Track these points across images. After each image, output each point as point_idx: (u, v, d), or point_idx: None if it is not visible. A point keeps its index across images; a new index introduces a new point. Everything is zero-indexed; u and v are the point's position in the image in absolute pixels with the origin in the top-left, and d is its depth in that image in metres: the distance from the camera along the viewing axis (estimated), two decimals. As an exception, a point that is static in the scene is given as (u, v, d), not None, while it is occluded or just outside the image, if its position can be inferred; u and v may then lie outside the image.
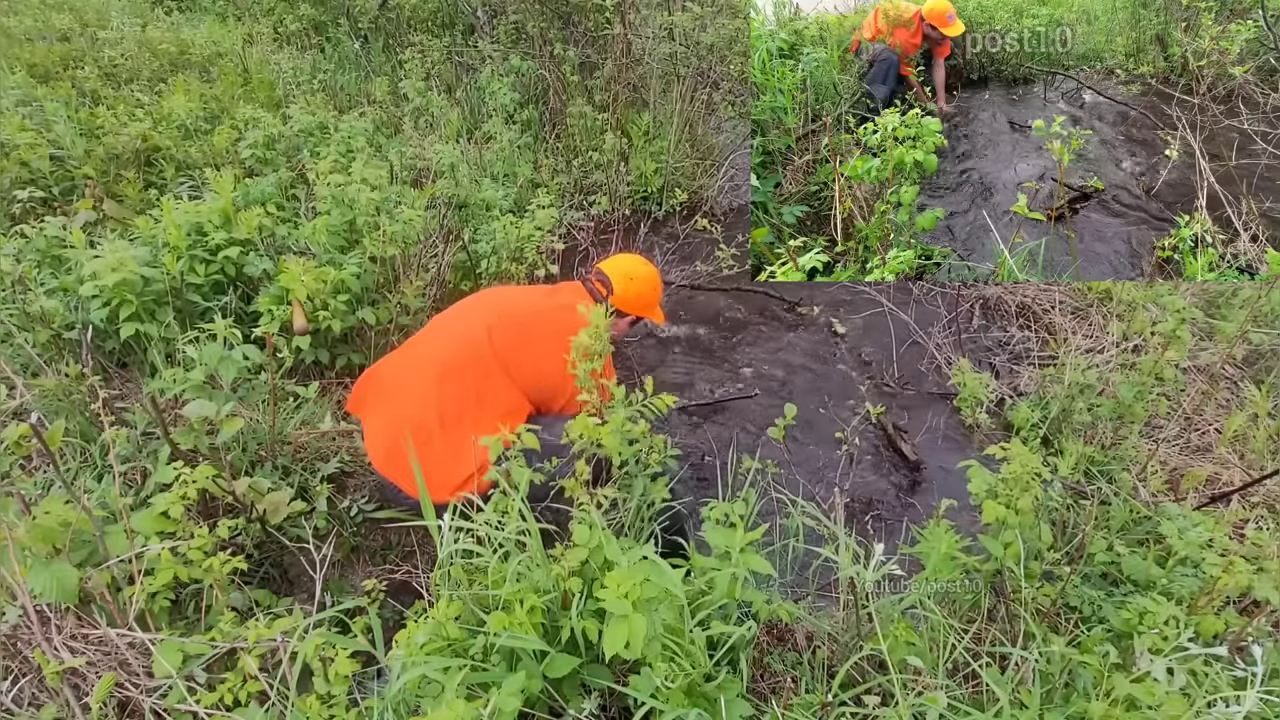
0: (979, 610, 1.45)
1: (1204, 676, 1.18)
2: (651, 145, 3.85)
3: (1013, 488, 1.39)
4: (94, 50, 4.35)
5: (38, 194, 2.72)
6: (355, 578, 1.84)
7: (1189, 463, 2.23)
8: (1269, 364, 2.60)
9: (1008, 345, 2.91)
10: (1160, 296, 2.71)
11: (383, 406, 1.77)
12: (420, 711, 1.17)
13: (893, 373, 2.81)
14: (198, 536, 1.39)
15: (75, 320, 2.07)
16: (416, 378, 1.76)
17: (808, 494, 2.24)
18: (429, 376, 1.74)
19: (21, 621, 1.36)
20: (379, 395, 1.80)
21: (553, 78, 4.00)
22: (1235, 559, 1.38)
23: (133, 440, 1.78)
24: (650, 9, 4.22)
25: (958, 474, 2.16)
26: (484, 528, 1.32)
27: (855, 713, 1.23)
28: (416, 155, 3.45)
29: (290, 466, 1.91)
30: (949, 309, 3.10)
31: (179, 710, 1.27)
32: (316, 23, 5.01)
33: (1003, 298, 3.08)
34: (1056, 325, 2.90)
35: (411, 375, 1.78)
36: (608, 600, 1.11)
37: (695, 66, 3.93)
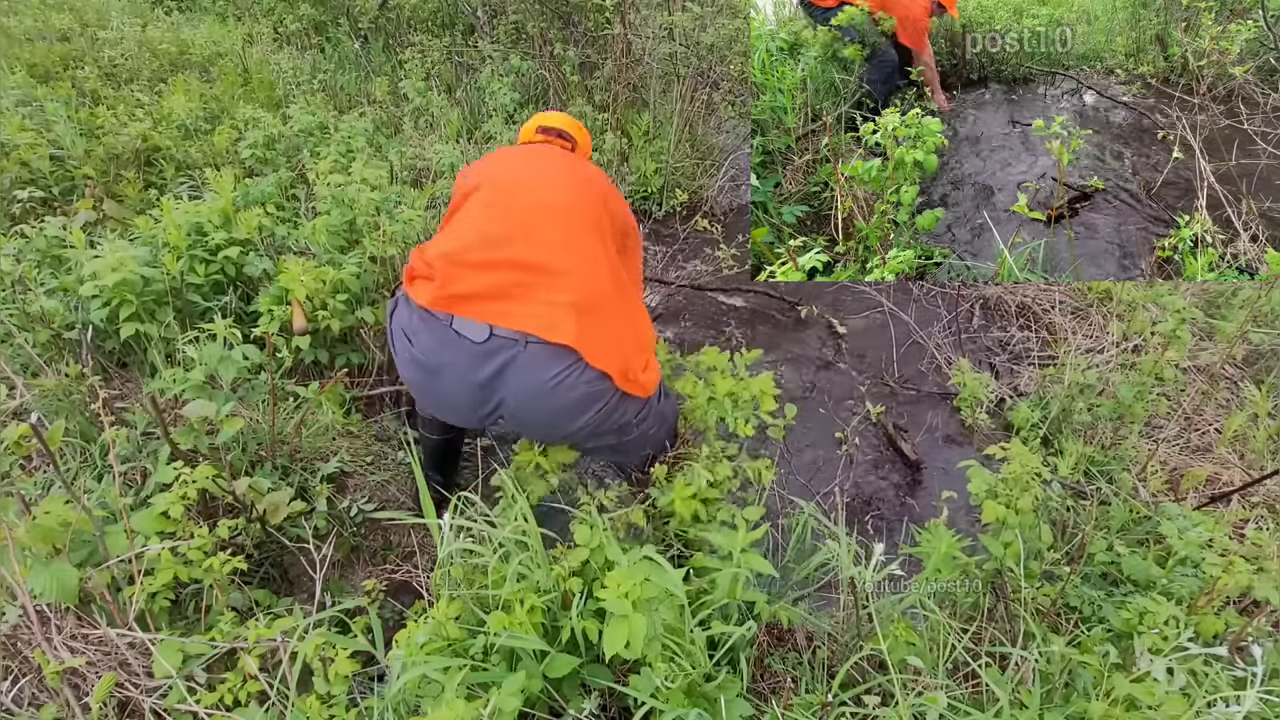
0: (979, 610, 1.45)
1: (1204, 676, 1.18)
2: (651, 145, 3.85)
3: (1013, 488, 1.40)
4: (94, 50, 4.34)
5: (38, 194, 2.72)
6: (355, 578, 1.84)
7: (1189, 463, 2.23)
8: (1269, 364, 2.60)
9: (1008, 345, 2.91)
10: (1160, 296, 2.70)
11: (510, 274, 1.50)
12: (420, 711, 1.17)
13: (893, 373, 2.81)
14: (198, 536, 1.39)
15: (75, 320, 2.07)
16: (550, 231, 1.54)
17: (808, 494, 2.24)
18: (578, 228, 1.56)
19: (21, 621, 1.36)
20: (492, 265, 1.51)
21: (553, 78, 4.00)
22: (1235, 559, 1.38)
23: (133, 440, 1.78)
24: (650, 9, 4.22)
25: (958, 474, 2.16)
26: (484, 527, 1.32)
27: (855, 713, 1.23)
28: (416, 155, 3.44)
29: (290, 466, 1.91)
30: (949, 309, 3.09)
31: (179, 710, 1.27)
32: (316, 23, 5.00)
33: (1003, 298, 3.08)
34: (1056, 325, 2.90)
35: (538, 227, 1.54)
36: (608, 600, 1.11)
37: (695, 66, 3.93)
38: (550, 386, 1.45)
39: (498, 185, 1.62)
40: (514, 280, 1.48)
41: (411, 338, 1.52)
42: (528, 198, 1.59)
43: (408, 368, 1.57)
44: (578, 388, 1.46)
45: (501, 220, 1.55)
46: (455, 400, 1.54)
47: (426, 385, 1.56)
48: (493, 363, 1.45)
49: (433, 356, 1.49)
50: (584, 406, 1.49)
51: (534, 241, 1.52)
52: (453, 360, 1.47)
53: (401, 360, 1.57)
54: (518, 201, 1.58)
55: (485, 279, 1.48)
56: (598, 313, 1.50)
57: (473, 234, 1.54)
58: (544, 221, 1.55)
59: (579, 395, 1.47)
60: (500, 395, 1.49)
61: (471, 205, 1.60)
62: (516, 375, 1.45)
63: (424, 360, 1.51)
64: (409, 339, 1.53)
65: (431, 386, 1.55)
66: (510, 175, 1.66)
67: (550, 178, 1.66)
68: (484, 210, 1.58)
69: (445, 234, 1.62)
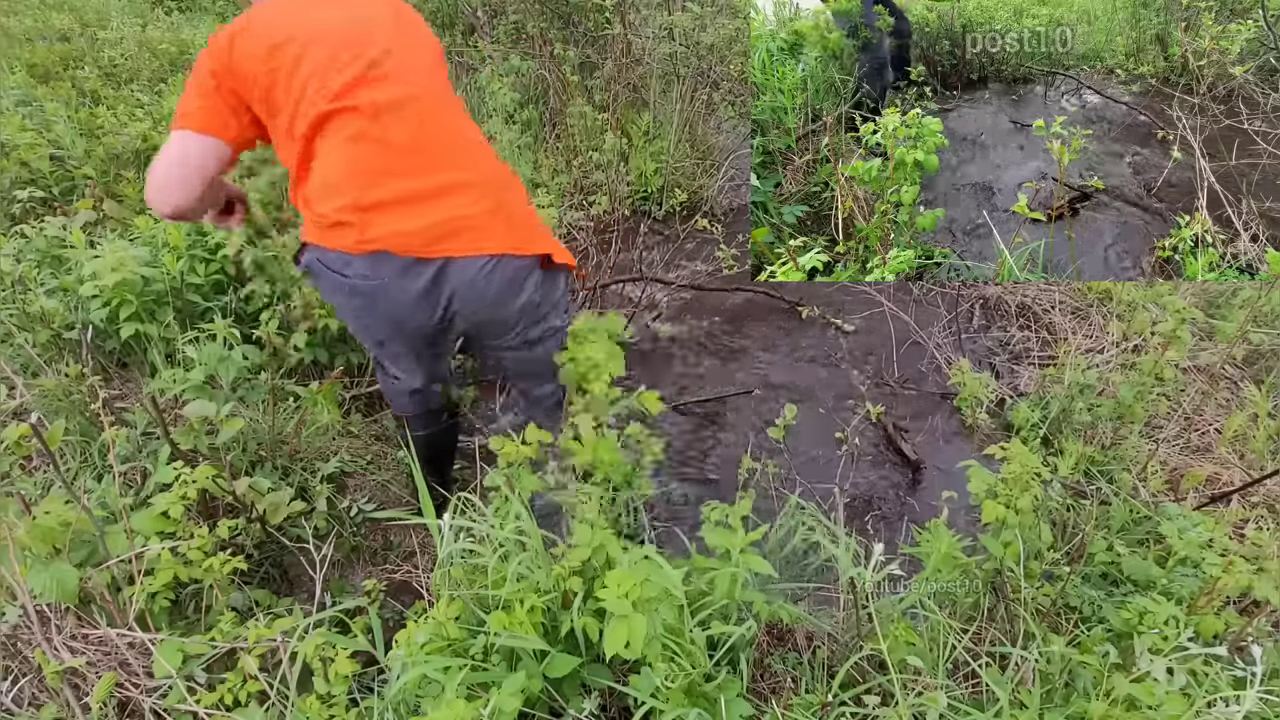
0: (979, 610, 1.45)
1: (1204, 676, 1.18)
2: (651, 145, 3.85)
3: (1013, 488, 1.39)
4: (94, 50, 4.34)
5: (38, 194, 2.72)
6: (355, 578, 1.84)
7: (1189, 463, 2.23)
8: (1269, 364, 2.60)
9: (1008, 345, 2.91)
10: (1160, 296, 2.70)
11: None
12: (420, 711, 1.17)
13: (893, 373, 2.81)
14: (198, 537, 1.39)
15: (75, 320, 2.07)
16: (434, 133, 1.46)
17: (808, 494, 2.24)
18: (449, 112, 1.51)
19: (21, 621, 1.36)
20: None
21: (553, 78, 4.00)
22: (1235, 559, 1.38)
23: (133, 440, 1.78)
24: (650, 9, 4.22)
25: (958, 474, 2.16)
26: (484, 528, 1.32)
27: (855, 713, 1.23)
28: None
29: (290, 466, 1.91)
30: (949, 309, 3.10)
31: (179, 710, 1.27)
32: (316, 23, 5.00)
33: (1003, 298, 3.08)
34: (1056, 325, 2.90)
35: (424, 144, 1.45)
36: (608, 600, 1.11)
37: (695, 66, 3.93)
38: (488, 270, 1.50)
39: (349, 96, 1.40)
40: (423, 214, 1.45)
41: (343, 270, 1.47)
42: (388, 99, 1.42)
43: (346, 297, 1.51)
44: (512, 264, 1.53)
45: (384, 154, 1.43)
46: (403, 313, 1.53)
47: (370, 308, 1.51)
48: (430, 269, 1.47)
49: (369, 278, 1.46)
50: (523, 278, 1.55)
51: (425, 159, 1.46)
52: (390, 275, 1.46)
53: (339, 294, 1.51)
54: (386, 124, 1.42)
55: (398, 222, 1.43)
56: (507, 203, 1.53)
57: (362, 177, 1.43)
58: (423, 129, 1.46)
59: (514, 268, 1.53)
60: (447, 293, 1.50)
61: (336, 137, 1.42)
62: (456, 272, 1.48)
63: (360, 284, 1.47)
64: (340, 272, 1.47)
65: (376, 308, 1.51)
66: (344, 58, 1.40)
67: (392, 58, 1.44)
68: (356, 146, 1.42)
69: (329, 173, 1.44)
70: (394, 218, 1.43)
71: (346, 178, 1.43)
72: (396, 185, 1.43)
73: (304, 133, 1.41)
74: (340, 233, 1.44)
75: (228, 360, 1.73)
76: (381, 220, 1.43)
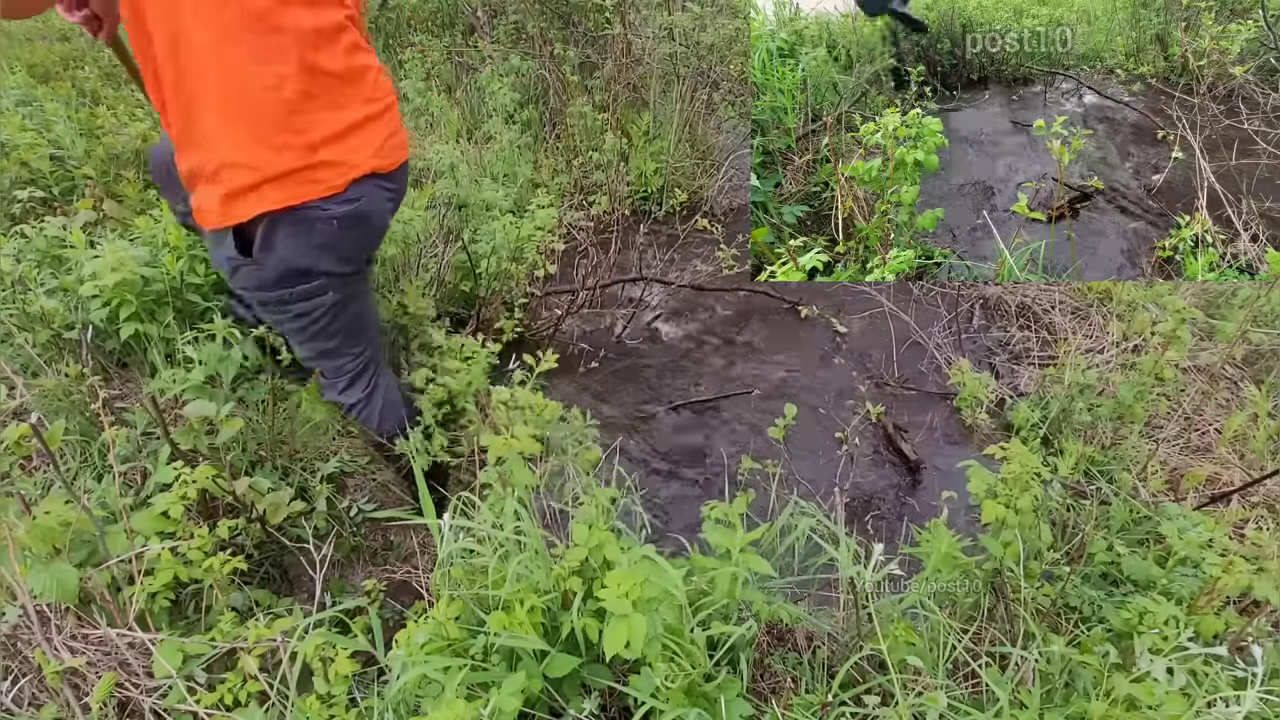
0: (979, 610, 1.45)
1: (1204, 676, 1.18)
2: (651, 145, 3.85)
3: (1012, 488, 1.39)
4: (94, 50, 4.34)
5: (38, 194, 2.72)
6: (355, 578, 1.84)
7: (1189, 463, 2.23)
8: (1269, 364, 2.60)
9: (1008, 345, 2.91)
10: (1160, 296, 2.70)
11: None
12: (420, 711, 1.17)
13: (893, 373, 2.81)
14: (198, 536, 1.39)
15: (75, 320, 2.06)
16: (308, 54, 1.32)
17: (807, 494, 2.24)
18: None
19: (21, 621, 1.36)
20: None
21: (553, 78, 4.00)
22: (1235, 559, 1.38)
23: (133, 440, 1.78)
24: (650, 9, 4.22)
25: (958, 474, 2.16)
26: (484, 527, 1.32)
27: (855, 713, 1.23)
28: (416, 155, 3.44)
29: (289, 466, 1.91)
30: (949, 309, 3.10)
31: (179, 710, 1.27)
32: (316, 23, 5.00)
33: (1003, 298, 3.08)
34: (1056, 325, 2.90)
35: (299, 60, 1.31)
36: (608, 600, 1.11)
37: (695, 66, 3.93)
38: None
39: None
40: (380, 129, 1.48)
41: (315, 207, 1.40)
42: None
43: (325, 227, 1.42)
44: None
45: (281, 86, 1.32)
46: (383, 224, 1.57)
47: (357, 234, 1.50)
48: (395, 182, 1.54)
49: (354, 200, 1.44)
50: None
51: (306, 73, 1.34)
52: (369, 190, 1.47)
53: (316, 229, 1.42)
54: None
55: (296, 154, 1.36)
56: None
57: (259, 120, 1.32)
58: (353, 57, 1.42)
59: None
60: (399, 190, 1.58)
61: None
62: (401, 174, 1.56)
63: (350, 211, 1.44)
64: (316, 208, 1.40)
65: (364, 233, 1.52)
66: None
67: None
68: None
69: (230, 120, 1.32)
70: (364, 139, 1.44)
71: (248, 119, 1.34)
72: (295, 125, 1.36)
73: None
74: (279, 188, 1.37)
75: (227, 360, 1.73)
76: (281, 161, 1.35)
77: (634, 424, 2.53)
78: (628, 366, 2.81)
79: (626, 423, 2.53)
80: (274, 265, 1.45)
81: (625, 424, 2.53)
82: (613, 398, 2.66)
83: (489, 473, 1.38)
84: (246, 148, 1.32)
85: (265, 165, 1.33)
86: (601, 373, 2.79)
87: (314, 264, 1.48)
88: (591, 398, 2.64)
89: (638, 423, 2.54)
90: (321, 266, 1.50)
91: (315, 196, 1.38)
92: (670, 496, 2.27)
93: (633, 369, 2.80)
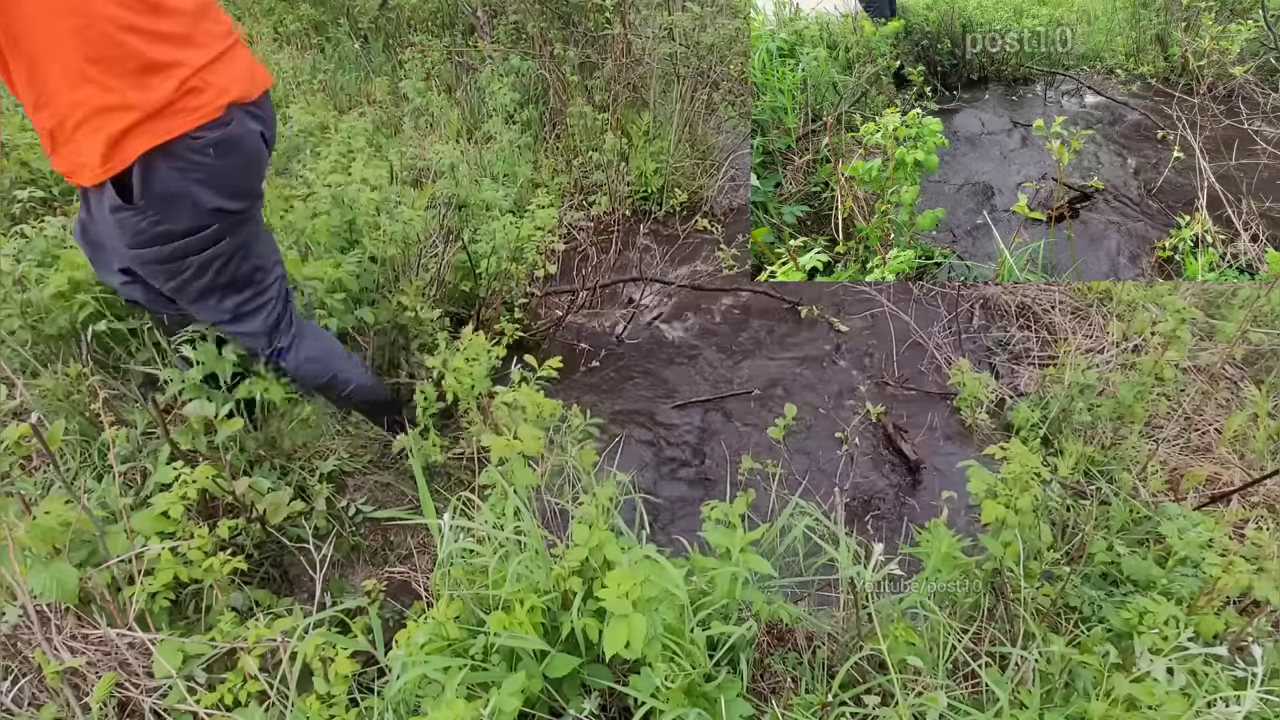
0: (979, 610, 1.45)
1: (1204, 676, 1.18)
2: (651, 145, 3.85)
3: (1012, 488, 1.39)
4: (94, 50, 4.34)
5: (38, 194, 2.71)
6: (355, 578, 1.84)
7: (1189, 463, 2.23)
8: (1269, 364, 2.60)
9: (1008, 345, 2.91)
10: (1160, 296, 2.70)
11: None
12: (420, 711, 1.17)
13: (893, 373, 2.81)
14: (198, 536, 1.39)
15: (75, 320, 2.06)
16: None
17: (807, 494, 2.24)
18: None
19: (21, 621, 1.36)
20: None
21: (553, 78, 4.00)
22: (1235, 559, 1.38)
23: (133, 440, 1.78)
24: (650, 9, 4.22)
25: (958, 474, 2.16)
26: (484, 528, 1.32)
27: (855, 713, 1.23)
28: (416, 155, 3.44)
29: (288, 466, 1.91)
30: (949, 309, 3.09)
31: (179, 710, 1.27)
32: (316, 23, 5.00)
33: (1003, 298, 3.08)
34: (1056, 325, 2.90)
35: None
36: (608, 600, 1.11)
37: (695, 66, 3.93)
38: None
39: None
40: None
41: (188, 138, 1.40)
42: None
43: (201, 158, 1.43)
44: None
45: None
46: (259, 154, 1.58)
47: (234, 162, 1.49)
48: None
49: (227, 129, 1.46)
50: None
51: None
52: (237, 117, 1.48)
53: (192, 160, 1.42)
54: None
55: (168, 88, 1.35)
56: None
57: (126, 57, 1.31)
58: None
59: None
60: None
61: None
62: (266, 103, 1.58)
63: (216, 137, 1.44)
64: (189, 139, 1.40)
65: (241, 160, 1.52)
66: None
67: None
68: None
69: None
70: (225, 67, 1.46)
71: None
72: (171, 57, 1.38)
73: None
74: (179, 117, 1.38)
75: (226, 360, 1.73)
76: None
77: (634, 424, 2.53)
78: (628, 366, 2.81)
79: (627, 422, 2.53)
80: (158, 205, 1.42)
81: (625, 424, 2.53)
82: (613, 397, 2.66)
83: (490, 473, 1.38)
84: (116, 90, 1.31)
85: (141, 103, 1.32)
86: (602, 373, 2.79)
87: (198, 199, 1.45)
88: (592, 397, 2.64)
89: (638, 423, 2.54)
90: (206, 202, 1.47)
91: (193, 125, 1.38)
92: (670, 496, 2.27)
93: (633, 369, 2.80)
